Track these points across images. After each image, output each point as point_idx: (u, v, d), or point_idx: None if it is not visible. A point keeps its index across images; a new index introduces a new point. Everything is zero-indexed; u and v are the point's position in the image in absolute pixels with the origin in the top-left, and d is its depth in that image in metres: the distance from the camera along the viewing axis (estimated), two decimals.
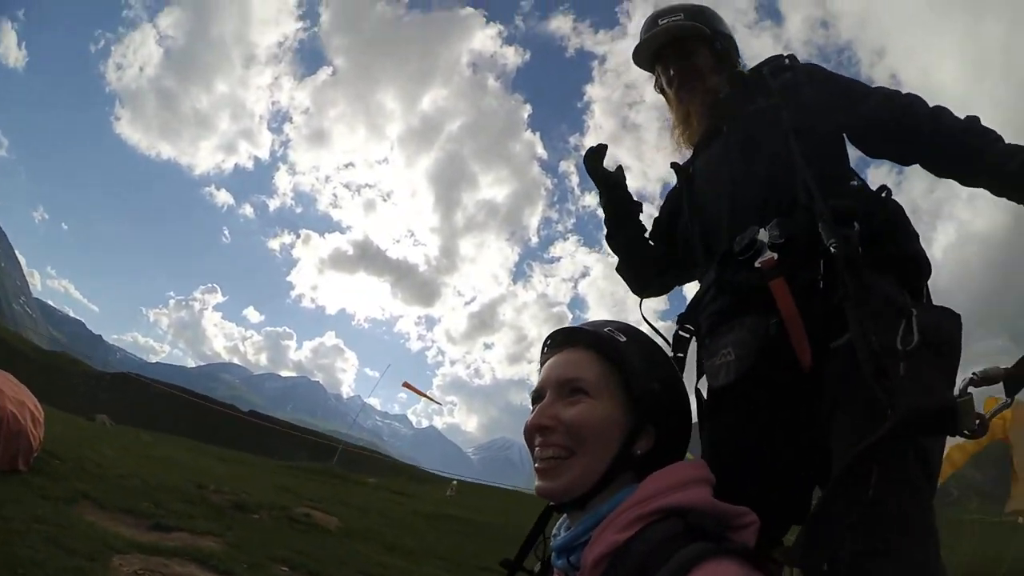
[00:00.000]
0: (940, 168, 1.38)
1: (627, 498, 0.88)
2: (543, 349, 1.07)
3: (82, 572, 2.65)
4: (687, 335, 1.38)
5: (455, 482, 21.31)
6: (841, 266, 1.10)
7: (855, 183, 1.41)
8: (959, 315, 1.13)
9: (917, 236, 1.32)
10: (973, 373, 0.94)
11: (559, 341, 1.03)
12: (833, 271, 1.14)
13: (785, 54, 1.61)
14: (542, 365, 1.05)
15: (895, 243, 1.26)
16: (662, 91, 1.72)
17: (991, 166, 1.25)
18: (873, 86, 1.51)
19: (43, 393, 7.13)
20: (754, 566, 0.77)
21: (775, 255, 1.22)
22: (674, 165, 1.69)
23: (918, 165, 1.41)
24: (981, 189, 1.30)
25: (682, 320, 1.40)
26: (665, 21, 1.61)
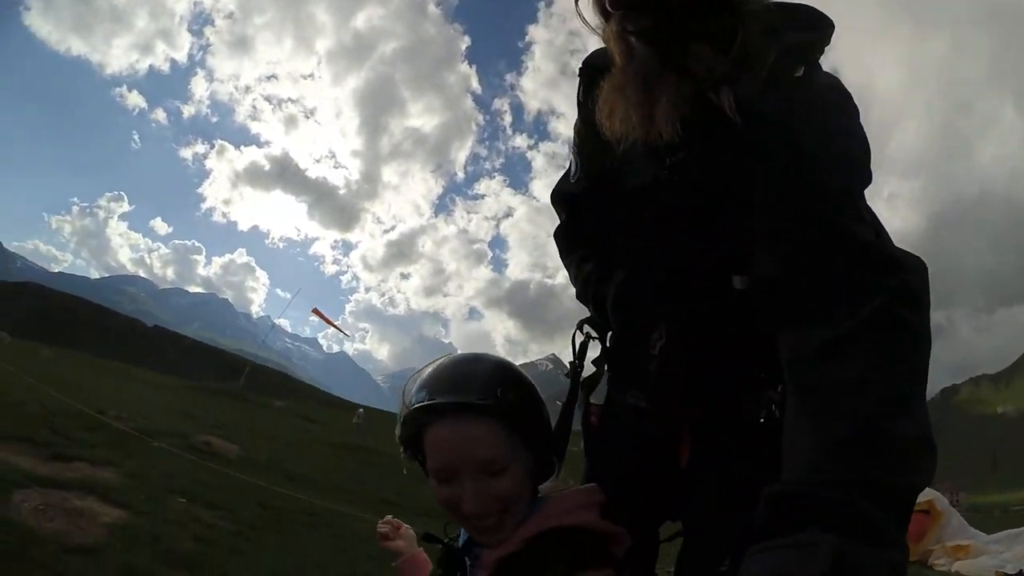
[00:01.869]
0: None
1: (537, 513, 1.04)
2: (421, 412, 1.03)
3: None
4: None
5: (361, 410, 21.61)
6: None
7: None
8: None
9: None
10: None
11: (436, 411, 1.01)
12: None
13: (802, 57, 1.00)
14: (423, 427, 1.03)
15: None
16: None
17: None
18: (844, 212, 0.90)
19: None
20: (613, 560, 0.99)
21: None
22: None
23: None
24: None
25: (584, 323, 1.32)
26: None
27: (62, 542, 2.83)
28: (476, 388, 1.01)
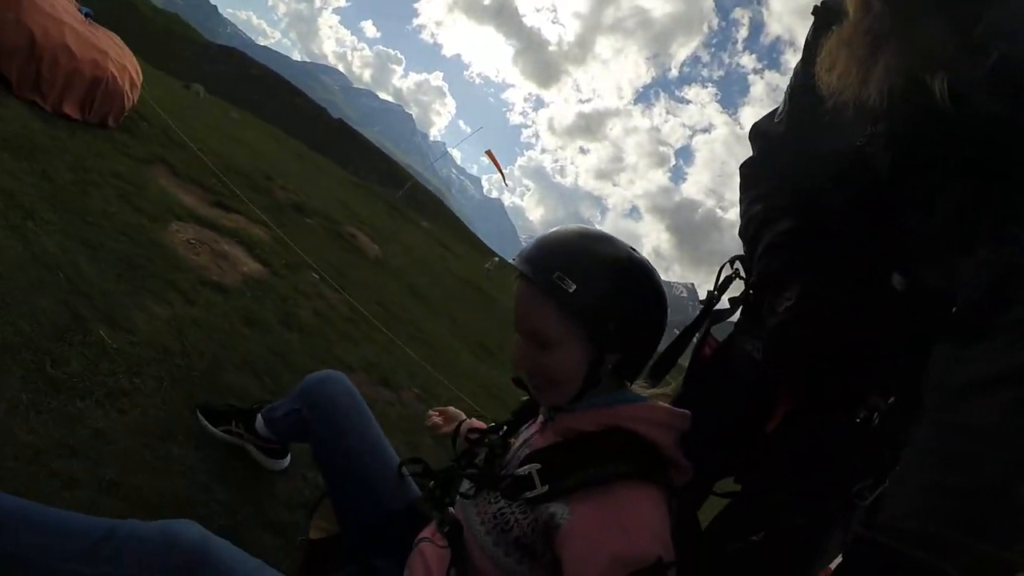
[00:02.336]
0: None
1: (617, 407, 1.09)
2: (514, 267, 1.13)
3: (142, 230, 3.11)
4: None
5: (496, 259, 22.42)
6: None
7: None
8: None
9: None
10: None
11: (522, 272, 1.08)
12: None
13: None
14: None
15: None
16: None
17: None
18: None
19: (148, 53, 7.54)
20: (668, 504, 1.01)
21: None
22: None
23: None
24: None
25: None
26: None
27: (201, 276, 3.07)
28: (549, 267, 1.04)
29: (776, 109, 1.34)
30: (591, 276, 1.04)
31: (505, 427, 1.31)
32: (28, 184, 2.75)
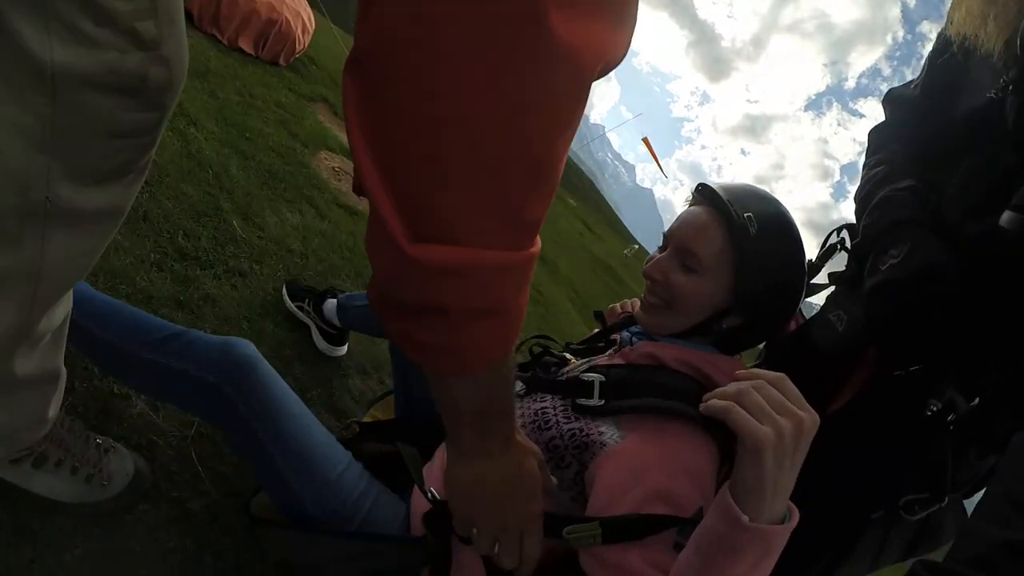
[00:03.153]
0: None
1: (705, 353, 1.06)
2: (697, 189, 1.15)
3: (293, 152, 3.36)
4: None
5: (637, 246, 21.83)
6: None
7: None
8: None
9: None
10: None
11: (705, 195, 1.10)
12: None
13: None
14: (690, 203, 1.15)
15: None
16: None
17: None
18: None
19: (329, 6, 8.19)
20: (720, 467, 0.95)
21: None
22: None
23: None
24: None
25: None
26: None
27: (336, 197, 3.26)
28: (746, 205, 1.04)
29: (913, 80, 1.28)
30: (772, 235, 1.04)
31: (569, 345, 1.28)
32: (197, 99, 3.07)
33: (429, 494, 0.96)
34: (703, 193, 1.11)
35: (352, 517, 1.05)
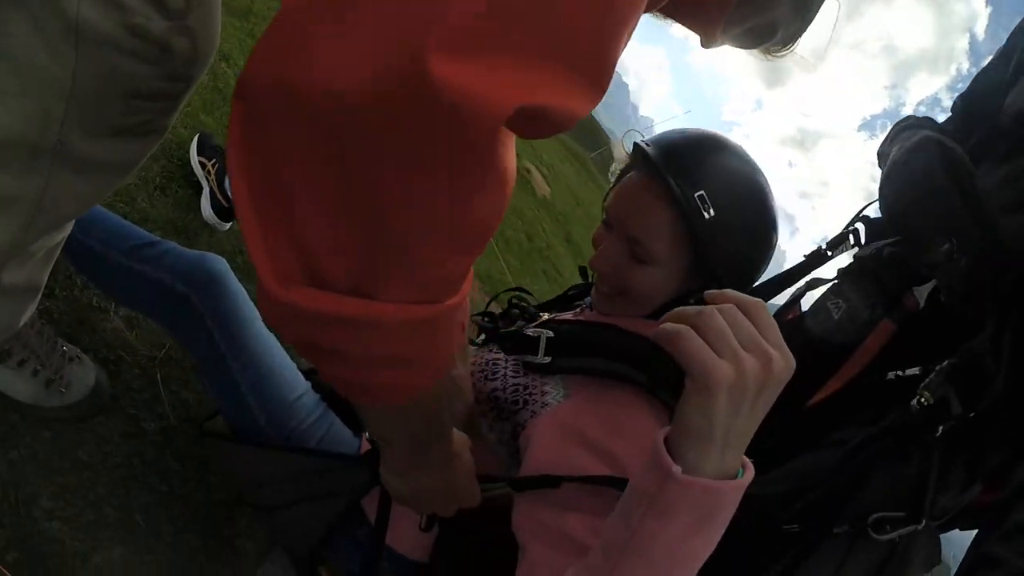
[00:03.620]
0: None
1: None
2: (634, 151, 0.99)
3: None
4: None
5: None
6: None
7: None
8: None
9: None
10: None
11: (657, 168, 0.91)
12: None
13: None
14: (628, 169, 1.00)
15: None
16: None
17: None
18: None
19: None
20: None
21: None
22: None
23: None
24: None
25: None
26: None
27: None
28: (695, 182, 0.89)
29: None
30: (731, 213, 0.90)
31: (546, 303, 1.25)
32: (234, 37, 3.07)
33: (368, 437, 0.96)
34: (640, 153, 0.96)
35: (306, 441, 1.06)
